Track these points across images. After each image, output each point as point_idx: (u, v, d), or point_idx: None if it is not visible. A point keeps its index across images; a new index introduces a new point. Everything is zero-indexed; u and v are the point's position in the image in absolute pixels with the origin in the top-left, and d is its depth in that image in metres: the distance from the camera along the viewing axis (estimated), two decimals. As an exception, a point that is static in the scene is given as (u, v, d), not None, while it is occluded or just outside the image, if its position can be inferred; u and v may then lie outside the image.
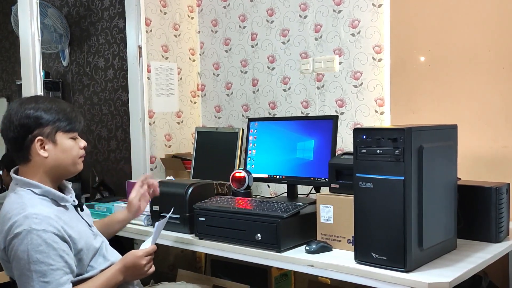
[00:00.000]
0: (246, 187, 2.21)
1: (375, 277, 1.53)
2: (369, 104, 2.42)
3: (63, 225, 1.57)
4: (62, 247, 1.53)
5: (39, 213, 1.53)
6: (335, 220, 1.77)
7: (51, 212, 1.56)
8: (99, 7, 3.59)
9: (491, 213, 1.79)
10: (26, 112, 1.60)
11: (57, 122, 1.63)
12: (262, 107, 2.84)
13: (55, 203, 1.63)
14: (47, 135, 1.61)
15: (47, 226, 1.51)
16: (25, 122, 1.60)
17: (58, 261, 1.52)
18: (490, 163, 2.08)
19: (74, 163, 1.68)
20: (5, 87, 4.70)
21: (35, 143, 1.60)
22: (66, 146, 1.65)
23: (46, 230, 1.51)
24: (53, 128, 1.62)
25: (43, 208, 1.57)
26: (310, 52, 2.62)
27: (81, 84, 3.79)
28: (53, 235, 1.52)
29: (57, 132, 1.63)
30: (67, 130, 1.65)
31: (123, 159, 3.45)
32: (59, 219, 1.57)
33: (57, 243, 1.53)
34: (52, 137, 1.62)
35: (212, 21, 3.06)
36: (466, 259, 1.62)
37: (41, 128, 1.61)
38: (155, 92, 2.96)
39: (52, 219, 1.54)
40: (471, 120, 2.11)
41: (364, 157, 1.57)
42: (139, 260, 1.65)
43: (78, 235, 1.61)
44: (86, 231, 1.67)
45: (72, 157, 1.67)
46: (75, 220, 1.66)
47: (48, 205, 1.60)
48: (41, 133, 1.61)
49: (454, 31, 2.16)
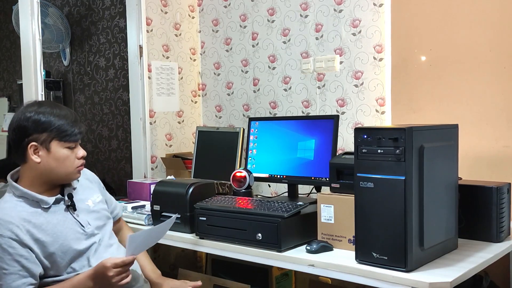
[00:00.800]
0: (247, 186, 2.21)
1: (376, 277, 1.53)
2: (370, 103, 2.42)
3: (31, 228, 1.60)
4: (19, 252, 1.57)
5: (2, 217, 1.58)
6: (336, 219, 1.77)
7: (17, 216, 1.59)
8: (100, 7, 3.59)
9: (492, 213, 1.79)
10: (25, 115, 1.64)
11: (54, 131, 1.64)
12: (263, 107, 2.84)
13: (35, 204, 1.65)
14: (42, 142, 1.63)
15: (4, 231, 1.56)
16: (22, 125, 1.63)
17: (12, 266, 1.56)
18: (491, 163, 2.08)
19: (67, 173, 1.69)
20: (5, 86, 4.70)
21: (29, 147, 1.63)
22: (60, 156, 1.66)
23: (3, 235, 1.56)
24: (48, 135, 1.64)
25: (10, 212, 1.60)
26: (311, 51, 2.61)
27: (82, 83, 3.79)
28: (9, 240, 1.56)
29: (52, 141, 1.64)
30: (63, 140, 1.66)
31: (124, 158, 3.45)
32: (27, 223, 1.60)
33: (14, 248, 1.56)
34: (47, 145, 1.64)
35: (213, 21, 3.06)
36: (467, 259, 1.62)
37: (37, 134, 1.63)
38: (156, 92, 2.96)
39: (13, 224, 1.57)
40: (472, 120, 2.11)
41: (365, 156, 1.57)
42: (106, 271, 1.58)
43: (51, 238, 1.63)
44: (68, 234, 1.66)
45: (65, 167, 1.67)
46: (56, 222, 1.66)
47: (22, 208, 1.63)
48: (36, 138, 1.63)
49: (455, 30, 2.16)
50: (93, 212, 1.79)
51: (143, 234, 1.69)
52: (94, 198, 1.83)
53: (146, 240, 1.71)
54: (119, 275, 1.58)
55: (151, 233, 1.72)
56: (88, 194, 1.83)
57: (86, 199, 1.80)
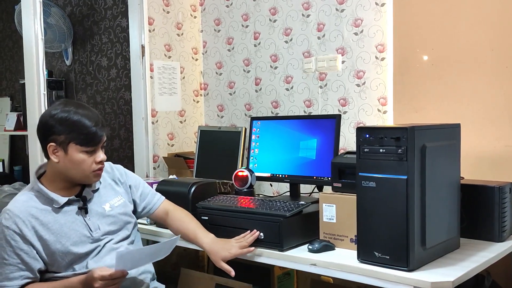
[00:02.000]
0: (248, 186, 2.21)
1: (378, 276, 1.53)
2: (372, 103, 2.42)
3: (36, 225, 1.63)
4: (20, 246, 1.61)
5: (12, 210, 1.64)
6: (337, 219, 1.77)
7: (25, 211, 1.63)
8: (102, 6, 3.60)
9: (494, 212, 1.78)
10: (50, 114, 1.66)
11: (72, 134, 1.63)
12: (264, 106, 2.84)
13: (48, 202, 1.68)
14: (60, 143, 1.64)
15: (11, 224, 1.62)
16: (45, 124, 1.66)
17: (12, 257, 1.61)
18: (493, 162, 2.07)
19: (83, 176, 1.69)
20: (8, 86, 4.71)
21: (48, 147, 1.65)
22: (76, 159, 1.65)
23: (9, 227, 1.61)
24: (66, 138, 1.64)
25: (20, 205, 1.65)
26: (313, 51, 2.61)
27: (84, 83, 3.80)
28: (13, 233, 1.61)
29: (70, 143, 1.64)
30: (81, 145, 1.65)
31: (126, 158, 3.45)
32: (34, 219, 1.63)
33: (16, 241, 1.61)
34: (64, 147, 1.65)
35: (215, 20, 3.06)
36: (469, 258, 1.62)
37: (56, 135, 1.64)
38: (158, 91, 2.96)
39: (20, 218, 1.62)
40: (474, 119, 2.11)
41: (367, 156, 1.57)
42: (92, 281, 1.57)
43: (55, 237, 1.64)
44: (73, 235, 1.67)
45: (81, 170, 1.67)
46: (63, 222, 1.67)
47: (34, 203, 1.67)
48: (55, 139, 1.64)
49: (457, 30, 2.15)
50: (108, 217, 1.76)
51: (133, 252, 1.67)
52: (114, 201, 1.81)
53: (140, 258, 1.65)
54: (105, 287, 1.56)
55: (144, 251, 1.68)
56: (109, 196, 1.81)
57: (104, 202, 1.78)
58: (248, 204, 1.95)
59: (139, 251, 1.69)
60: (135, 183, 1.93)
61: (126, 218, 1.83)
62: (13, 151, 4.61)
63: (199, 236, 1.88)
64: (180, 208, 2.01)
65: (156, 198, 1.98)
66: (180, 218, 1.96)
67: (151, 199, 1.96)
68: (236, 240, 1.82)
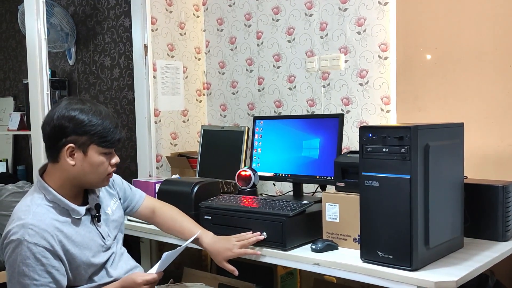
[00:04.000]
0: (251, 185, 2.21)
1: (381, 275, 1.52)
2: (375, 102, 2.41)
3: (62, 239, 1.53)
4: (52, 263, 1.50)
5: (37, 224, 1.49)
6: (341, 218, 1.77)
7: (51, 224, 1.52)
8: (105, 6, 3.60)
9: (498, 211, 1.78)
10: (68, 114, 1.55)
11: (94, 136, 1.55)
12: (267, 106, 2.84)
13: (65, 213, 1.58)
14: (80, 145, 1.55)
15: (39, 240, 1.48)
16: (63, 125, 1.54)
17: (44, 277, 1.48)
18: (497, 162, 2.07)
19: (99, 180, 1.62)
20: (11, 86, 4.71)
21: (66, 148, 1.55)
22: (95, 161, 1.57)
23: (38, 244, 1.47)
24: (87, 139, 1.55)
25: (44, 219, 1.52)
26: (315, 50, 2.61)
27: (87, 82, 3.80)
28: (43, 250, 1.48)
29: (91, 145, 1.56)
30: (102, 146, 1.58)
31: (129, 157, 3.45)
32: (60, 233, 1.53)
33: (47, 258, 1.49)
34: (84, 148, 1.56)
35: (218, 20, 3.06)
36: (473, 257, 1.61)
37: (77, 136, 1.54)
38: (161, 91, 2.96)
39: (49, 232, 1.50)
40: (478, 118, 2.10)
41: (370, 155, 1.57)
42: (136, 287, 1.57)
43: (79, 251, 1.57)
44: (92, 246, 1.61)
45: (98, 173, 1.60)
46: (84, 233, 1.60)
47: (53, 215, 1.55)
48: (74, 140, 1.55)
49: (461, 28, 2.15)
50: (113, 222, 1.74)
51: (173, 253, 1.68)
52: (112, 204, 1.77)
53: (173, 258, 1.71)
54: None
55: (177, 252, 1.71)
56: (108, 200, 1.77)
57: (106, 207, 1.74)
58: (251, 203, 1.95)
59: (176, 252, 1.70)
60: (118, 182, 1.88)
61: (122, 220, 1.82)
62: (16, 151, 4.61)
63: (198, 236, 1.86)
64: (167, 204, 1.98)
65: (138, 196, 1.94)
66: (172, 216, 1.92)
67: (133, 197, 1.92)
68: (237, 238, 1.80)
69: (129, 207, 1.91)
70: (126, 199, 1.90)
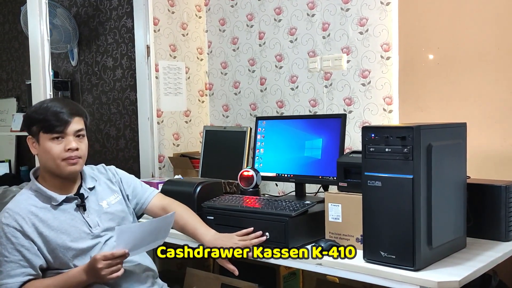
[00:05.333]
0: (254, 185, 2.21)
1: (384, 275, 1.52)
2: (377, 102, 2.41)
3: (36, 222, 1.65)
4: (21, 243, 1.63)
5: (12, 208, 1.67)
6: (343, 218, 1.77)
7: (24, 209, 1.66)
8: (108, 7, 3.61)
9: (500, 211, 1.78)
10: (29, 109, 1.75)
11: (40, 123, 1.68)
12: (270, 106, 2.84)
13: (46, 200, 1.70)
14: (34, 135, 1.71)
15: (11, 221, 1.64)
16: (25, 120, 1.73)
17: (14, 255, 1.62)
18: (500, 162, 2.06)
19: (55, 165, 1.69)
20: (14, 87, 4.73)
21: (28, 141, 1.72)
22: (46, 148, 1.68)
23: (9, 225, 1.63)
24: (37, 128, 1.69)
25: (19, 204, 1.68)
26: (318, 50, 2.61)
27: (90, 83, 3.81)
28: (14, 230, 1.63)
29: (40, 133, 1.69)
30: (47, 131, 1.67)
31: (132, 158, 3.46)
32: (34, 216, 1.66)
33: (17, 238, 1.63)
34: (37, 138, 1.70)
35: (220, 20, 3.07)
36: (476, 258, 1.61)
37: (31, 127, 1.70)
38: (163, 91, 2.97)
39: (20, 215, 1.65)
40: (480, 118, 2.10)
41: (373, 155, 1.57)
42: (95, 262, 1.57)
43: (55, 234, 1.66)
44: (72, 232, 1.69)
45: (51, 159, 1.68)
46: (63, 219, 1.69)
47: (33, 201, 1.69)
48: (32, 133, 1.71)
49: (463, 28, 2.15)
50: (106, 214, 1.79)
51: (132, 228, 1.67)
52: (111, 199, 1.83)
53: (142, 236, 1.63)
54: (109, 267, 1.57)
55: (143, 227, 1.65)
56: (105, 194, 1.83)
57: (101, 200, 1.81)
58: (253, 203, 1.95)
59: (138, 226, 1.68)
60: (127, 180, 1.94)
61: (124, 214, 1.85)
62: (19, 152, 4.62)
63: (200, 232, 1.85)
64: (177, 202, 1.99)
65: (148, 192, 1.97)
66: (178, 212, 1.93)
67: (143, 194, 1.96)
68: (239, 237, 1.80)
69: (138, 204, 1.95)
70: (136, 196, 1.95)
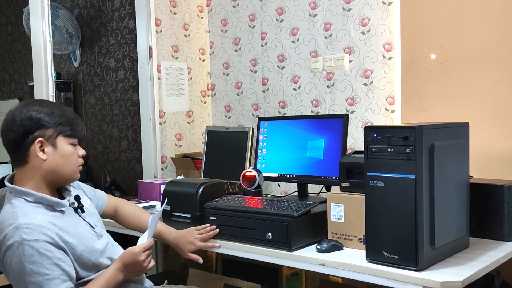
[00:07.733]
0: (256, 186, 2.21)
1: (387, 276, 1.52)
2: (379, 102, 2.41)
3: (58, 231, 1.53)
4: (57, 255, 1.49)
5: (30, 222, 1.48)
6: (346, 219, 1.77)
7: (43, 220, 1.51)
8: (110, 8, 3.61)
9: (503, 211, 1.77)
10: (29, 113, 1.56)
11: (59, 126, 1.59)
12: (272, 106, 2.84)
13: (51, 209, 1.58)
14: (48, 137, 1.57)
15: (38, 235, 1.47)
16: (27, 123, 1.55)
17: (53, 270, 1.47)
18: (503, 161, 2.06)
19: (72, 171, 1.64)
20: (17, 88, 4.73)
21: (35, 144, 1.55)
22: (66, 152, 1.60)
23: (38, 240, 1.46)
24: (55, 131, 1.58)
25: (35, 216, 1.51)
26: (320, 50, 2.61)
27: (92, 84, 3.81)
28: (46, 244, 1.47)
29: (59, 136, 1.59)
30: (69, 135, 1.61)
31: (134, 158, 3.46)
32: (54, 226, 1.52)
33: (51, 251, 1.48)
34: (53, 140, 1.58)
35: (222, 21, 3.07)
36: (479, 257, 1.61)
37: (43, 129, 1.56)
38: (166, 92, 2.97)
39: (45, 227, 1.49)
40: (483, 118, 2.10)
41: (375, 155, 1.56)
42: (137, 256, 1.60)
43: (76, 240, 1.57)
44: (86, 234, 1.63)
45: (70, 164, 1.62)
46: (74, 223, 1.61)
47: (42, 212, 1.55)
48: (42, 134, 1.56)
49: (465, 28, 2.14)
50: (93, 214, 1.76)
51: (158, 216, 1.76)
52: (87, 201, 1.78)
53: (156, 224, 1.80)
54: (149, 257, 1.64)
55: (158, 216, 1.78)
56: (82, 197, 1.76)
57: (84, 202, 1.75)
58: (256, 204, 1.95)
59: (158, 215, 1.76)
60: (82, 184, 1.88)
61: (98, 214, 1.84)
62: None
63: (163, 232, 1.97)
64: (127, 202, 2.06)
65: (102, 194, 1.96)
66: (134, 213, 1.98)
67: (100, 195, 1.94)
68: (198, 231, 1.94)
69: (98, 206, 1.90)
70: (95, 199, 1.91)
